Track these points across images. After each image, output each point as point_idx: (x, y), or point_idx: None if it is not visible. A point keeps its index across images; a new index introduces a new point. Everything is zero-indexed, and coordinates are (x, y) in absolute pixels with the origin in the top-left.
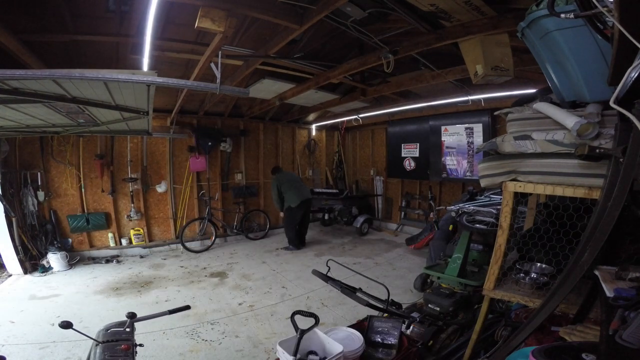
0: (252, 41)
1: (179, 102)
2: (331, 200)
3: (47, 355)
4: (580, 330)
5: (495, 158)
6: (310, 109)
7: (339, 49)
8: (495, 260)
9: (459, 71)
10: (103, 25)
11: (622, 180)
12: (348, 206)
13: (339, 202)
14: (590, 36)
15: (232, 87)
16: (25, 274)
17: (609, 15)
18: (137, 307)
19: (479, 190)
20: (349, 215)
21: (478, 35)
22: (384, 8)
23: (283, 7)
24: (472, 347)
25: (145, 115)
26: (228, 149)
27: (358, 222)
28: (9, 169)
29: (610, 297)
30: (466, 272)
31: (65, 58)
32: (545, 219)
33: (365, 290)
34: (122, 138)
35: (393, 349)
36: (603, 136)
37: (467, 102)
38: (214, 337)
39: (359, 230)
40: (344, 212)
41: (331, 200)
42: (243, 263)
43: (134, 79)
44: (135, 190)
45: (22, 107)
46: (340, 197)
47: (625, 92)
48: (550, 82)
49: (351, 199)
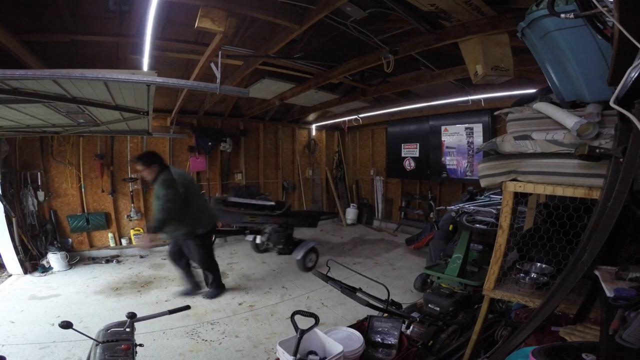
0: (252, 41)
1: (179, 102)
2: (262, 216)
3: (47, 355)
4: (580, 330)
5: (495, 158)
6: (310, 109)
7: (339, 49)
8: (495, 260)
9: (459, 71)
10: (103, 25)
11: (622, 180)
12: (285, 228)
13: (274, 220)
14: (590, 36)
15: (232, 87)
16: (25, 274)
17: (609, 15)
18: (137, 307)
19: (479, 190)
20: (284, 241)
21: (478, 35)
22: (384, 8)
23: (283, 7)
24: (472, 347)
25: (145, 115)
26: (228, 149)
27: (299, 252)
28: (9, 169)
29: (610, 297)
30: (466, 272)
31: (65, 58)
32: (545, 219)
33: (365, 290)
34: (122, 138)
35: (393, 349)
36: (603, 136)
37: (467, 102)
38: (214, 337)
39: (301, 264)
40: (277, 236)
41: (262, 217)
42: (243, 263)
43: (134, 79)
44: (135, 190)
45: (22, 107)
46: (275, 214)
47: (625, 92)
48: (550, 82)
49: (296, 217)
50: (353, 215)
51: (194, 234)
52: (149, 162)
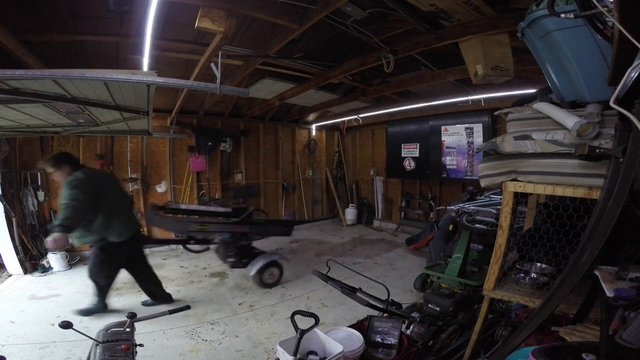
0: (252, 41)
1: (179, 102)
2: (215, 224)
3: (47, 355)
4: (580, 330)
5: (495, 158)
6: (310, 109)
7: (339, 49)
8: (495, 260)
9: (459, 71)
10: (103, 25)
11: (622, 180)
12: (239, 238)
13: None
14: (590, 36)
15: (232, 87)
16: (25, 274)
17: (609, 15)
18: (137, 307)
19: (479, 190)
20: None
21: (478, 35)
22: (384, 8)
23: (283, 7)
24: (472, 347)
25: (145, 115)
26: (228, 149)
27: (254, 267)
28: (9, 169)
29: (610, 297)
30: (466, 272)
31: (65, 58)
32: (545, 219)
33: (365, 290)
34: (122, 138)
35: (393, 349)
36: (603, 136)
37: (467, 102)
38: (214, 337)
39: (257, 280)
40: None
41: (215, 225)
42: None
43: (134, 79)
44: (135, 190)
45: (22, 107)
46: (232, 222)
47: (625, 92)
48: (550, 82)
49: (261, 226)
50: (353, 215)
51: (106, 241)
52: (59, 163)
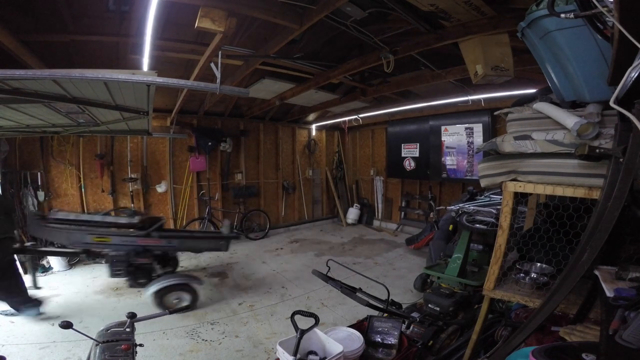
0: (252, 41)
1: (179, 102)
2: (118, 237)
3: (47, 355)
4: (580, 330)
5: (495, 158)
6: (310, 109)
7: (339, 49)
8: (495, 260)
9: (459, 71)
10: (103, 25)
11: (622, 180)
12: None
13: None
14: (591, 36)
15: (232, 87)
16: (26, 273)
17: (609, 15)
18: (137, 307)
19: (479, 190)
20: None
21: (478, 35)
22: (384, 8)
23: (283, 7)
24: (472, 347)
25: (145, 115)
26: (228, 149)
27: (153, 286)
28: (9, 169)
29: (610, 297)
30: (466, 272)
31: (65, 58)
32: (545, 219)
33: (365, 290)
34: (122, 138)
35: (393, 349)
36: (603, 136)
37: (467, 102)
38: (214, 337)
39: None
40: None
41: (117, 238)
42: (243, 263)
43: (134, 79)
44: (135, 190)
45: (22, 107)
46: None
47: (625, 92)
48: (550, 82)
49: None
50: (353, 215)
51: None
52: None
